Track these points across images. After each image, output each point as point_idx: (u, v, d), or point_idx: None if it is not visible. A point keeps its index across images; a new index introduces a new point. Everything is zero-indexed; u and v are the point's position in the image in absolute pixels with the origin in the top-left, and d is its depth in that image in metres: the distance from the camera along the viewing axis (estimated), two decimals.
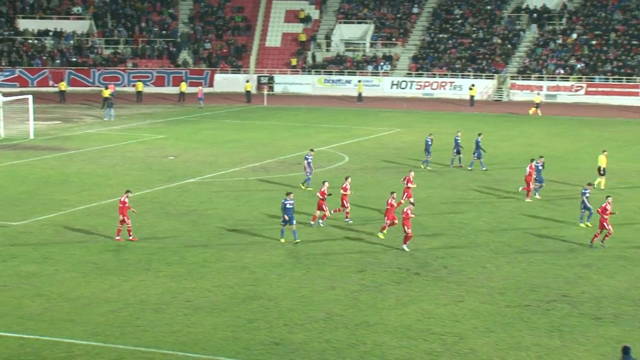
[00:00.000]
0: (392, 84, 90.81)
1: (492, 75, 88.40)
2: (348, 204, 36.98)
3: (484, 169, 48.88)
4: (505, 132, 64.85)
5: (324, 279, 29.50)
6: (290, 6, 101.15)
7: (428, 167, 49.50)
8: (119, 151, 55.52)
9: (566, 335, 24.45)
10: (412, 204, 33.89)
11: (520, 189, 41.99)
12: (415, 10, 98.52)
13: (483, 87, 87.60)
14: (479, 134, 50.39)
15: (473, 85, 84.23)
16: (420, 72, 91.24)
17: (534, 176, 41.53)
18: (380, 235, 34.40)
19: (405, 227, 32.61)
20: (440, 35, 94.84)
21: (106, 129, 65.42)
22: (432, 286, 28.73)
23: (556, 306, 26.74)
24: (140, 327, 24.97)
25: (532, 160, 42.31)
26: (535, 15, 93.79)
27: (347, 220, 37.10)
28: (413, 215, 32.86)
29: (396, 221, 34.27)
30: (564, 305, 26.84)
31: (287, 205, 33.36)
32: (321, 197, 36.07)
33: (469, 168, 49.18)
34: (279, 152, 55.55)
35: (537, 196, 41.72)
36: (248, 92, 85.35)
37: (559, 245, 33.61)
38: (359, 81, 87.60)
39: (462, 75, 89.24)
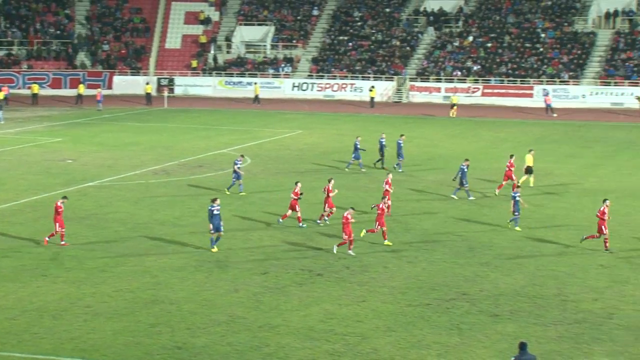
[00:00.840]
0: (293, 86, 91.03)
1: (392, 77, 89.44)
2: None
3: (399, 170, 49.37)
4: (405, 134, 65.50)
5: (226, 281, 29.38)
6: (190, 8, 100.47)
7: (363, 169, 49.64)
8: (15, 155, 54.26)
9: (465, 332, 24.89)
10: (353, 208, 33.47)
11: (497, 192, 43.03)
12: (315, 12, 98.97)
13: (383, 89, 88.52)
14: (401, 135, 50.96)
15: (373, 86, 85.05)
16: (321, 74, 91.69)
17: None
18: (388, 243, 33.86)
19: (344, 233, 32.40)
20: (340, 38, 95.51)
21: (0, 132, 63.86)
22: (335, 287, 28.89)
23: (456, 304, 27.19)
24: (38, 334, 24.44)
25: (511, 157, 43.96)
26: (432, 18, 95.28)
27: (319, 222, 36.97)
28: (353, 220, 32.70)
29: (385, 228, 33.89)
30: (464, 303, 27.31)
31: (214, 212, 32.75)
32: (295, 198, 36.34)
33: (400, 170, 49.45)
34: (180, 154, 55.10)
35: (471, 197, 42.37)
36: (148, 94, 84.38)
37: (458, 244, 34.18)
38: (255, 83, 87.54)
39: (362, 77, 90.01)
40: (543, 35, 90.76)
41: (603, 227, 32.76)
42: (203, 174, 48.67)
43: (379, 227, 33.85)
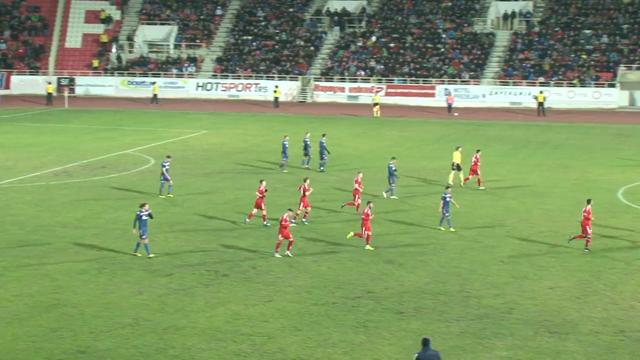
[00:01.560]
0: (198, 86, 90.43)
1: (296, 77, 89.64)
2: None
3: (320, 169, 49.71)
4: (310, 133, 65.74)
5: (130, 284, 29.01)
6: (90, 6, 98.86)
7: (284, 170, 49.55)
8: None
9: (371, 330, 25.11)
10: (290, 210, 33.29)
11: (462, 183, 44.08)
12: (218, 12, 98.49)
13: (287, 89, 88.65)
14: (323, 135, 51.19)
15: (277, 86, 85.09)
16: (225, 73, 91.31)
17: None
18: (370, 247, 33.60)
19: (280, 235, 32.23)
20: (244, 37, 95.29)
21: None
22: (241, 287, 28.82)
23: (361, 302, 27.40)
24: None
25: (477, 151, 45.62)
26: (336, 18, 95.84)
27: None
28: (290, 224, 32.50)
29: (370, 233, 33.67)
30: (369, 301, 27.54)
31: (143, 217, 32.04)
32: (260, 196, 36.38)
33: (320, 169, 49.72)
34: (82, 155, 54.17)
35: (394, 196, 42.61)
36: (49, 94, 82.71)
37: (363, 242, 34.41)
38: (154, 83, 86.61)
39: (266, 76, 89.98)
40: (444, 35, 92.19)
41: (587, 227, 33.01)
42: (106, 175, 47.95)
43: (366, 231, 33.58)
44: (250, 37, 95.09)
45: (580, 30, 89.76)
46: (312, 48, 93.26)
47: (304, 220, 37.38)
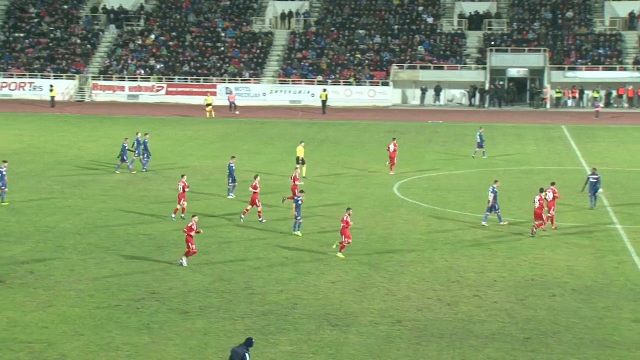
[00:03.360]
0: None
1: (73, 76, 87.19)
2: (259, 203, 37.16)
3: (144, 169, 48.98)
4: (89, 133, 64.38)
5: None
6: None
7: (117, 172, 48.44)
8: None
9: (155, 331, 24.84)
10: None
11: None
12: None
13: (64, 88, 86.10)
14: (146, 134, 50.18)
15: (52, 85, 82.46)
16: None
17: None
18: (341, 255, 32.53)
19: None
20: (16, 34, 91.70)
21: None
22: (18, 293, 27.75)
23: (145, 304, 27.06)
24: None
25: (393, 139, 47.47)
26: (113, 15, 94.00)
27: (261, 219, 37.22)
28: (199, 231, 31.68)
29: (350, 240, 32.69)
30: (153, 302, 27.24)
31: None
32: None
33: (144, 169, 48.93)
34: None
35: (231, 195, 42.27)
36: None
37: (147, 243, 34.01)
38: None
39: (41, 75, 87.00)
40: (223, 34, 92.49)
41: (542, 214, 35.46)
42: None
43: (346, 239, 32.64)
44: (22, 34, 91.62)
45: (354, 31, 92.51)
46: (89, 46, 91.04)
47: (242, 217, 37.55)
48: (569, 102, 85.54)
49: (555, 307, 27.06)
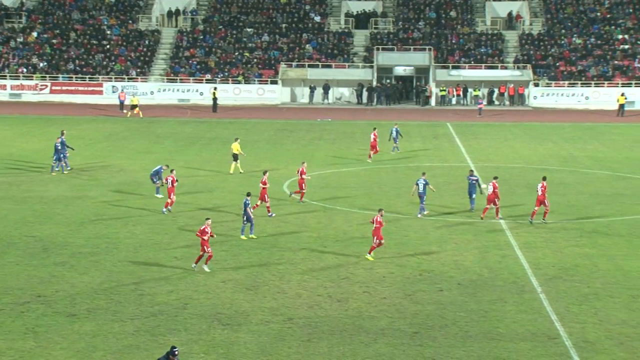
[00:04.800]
0: None
1: None
2: (268, 199, 37.94)
3: (68, 168, 48.14)
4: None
5: None
6: None
7: (56, 171, 47.44)
8: None
9: (41, 335, 24.31)
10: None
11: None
12: None
13: None
14: (62, 133, 49.10)
15: None
16: None
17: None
18: (371, 258, 31.95)
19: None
20: None
21: None
22: None
23: (31, 307, 26.46)
24: None
25: (374, 129, 46.68)
26: None
27: (270, 214, 37.86)
28: (213, 234, 30.77)
29: (383, 241, 32.17)
30: (39, 305, 26.65)
31: None
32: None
33: (57, 170, 47.71)
34: None
35: (159, 195, 41.61)
36: None
37: (32, 245, 33.26)
38: None
39: None
40: (109, 32, 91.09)
41: (546, 200, 37.27)
42: None
43: (378, 240, 32.12)
44: None
45: (242, 29, 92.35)
46: None
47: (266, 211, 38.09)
48: (453, 100, 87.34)
49: (443, 301, 27.61)
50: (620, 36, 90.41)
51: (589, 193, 44.05)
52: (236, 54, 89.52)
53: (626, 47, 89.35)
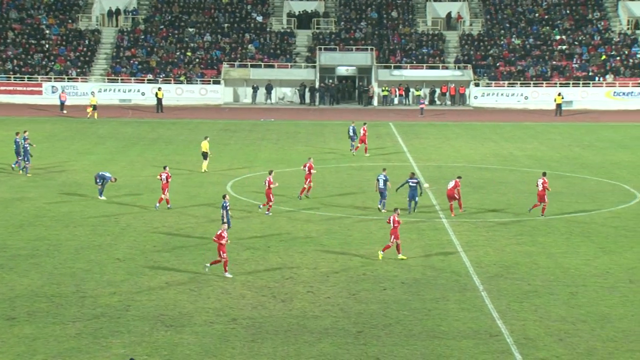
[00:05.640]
0: None
1: None
2: (273, 198, 38.72)
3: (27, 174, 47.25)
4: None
5: None
6: None
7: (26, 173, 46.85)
8: None
9: None
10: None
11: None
12: None
13: None
14: (18, 133, 48.56)
15: None
16: None
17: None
18: (403, 257, 32.21)
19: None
20: None
21: None
22: None
23: None
24: None
25: (364, 124, 47.46)
26: None
27: (268, 213, 38.75)
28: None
29: (399, 241, 32.08)
30: None
31: None
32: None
33: (20, 171, 47.17)
34: None
35: (101, 197, 41.30)
36: None
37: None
38: None
39: None
40: (48, 31, 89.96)
41: (545, 196, 38.89)
42: None
43: (394, 240, 32.07)
44: None
45: (184, 29, 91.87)
46: None
47: (267, 212, 38.82)
48: (396, 100, 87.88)
49: (386, 300, 27.78)
50: (558, 37, 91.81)
51: (529, 192, 44.64)
52: (178, 53, 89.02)
53: (564, 47, 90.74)
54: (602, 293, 28.61)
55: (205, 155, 49.46)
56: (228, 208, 34.96)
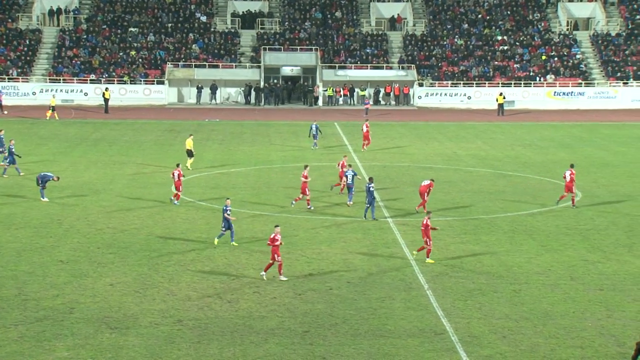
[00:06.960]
0: None
1: None
2: (309, 192, 39.53)
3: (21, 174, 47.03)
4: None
5: None
6: None
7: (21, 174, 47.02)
8: None
9: None
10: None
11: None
12: None
13: None
14: (11, 140, 48.47)
15: None
16: None
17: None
18: (430, 261, 32.00)
19: (276, 255, 29.61)
20: None
21: None
22: None
23: None
24: None
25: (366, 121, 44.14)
26: None
27: (309, 207, 39.57)
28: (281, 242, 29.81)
29: (428, 246, 31.90)
30: None
31: None
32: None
33: (4, 175, 46.63)
34: None
35: (44, 199, 40.76)
36: None
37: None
38: None
39: None
40: None
41: (573, 187, 40.60)
42: None
43: (429, 242, 31.91)
44: None
45: (127, 28, 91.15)
46: None
47: (308, 207, 39.75)
48: (340, 100, 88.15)
49: (332, 300, 27.86)
50: (499, 37, 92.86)
51: (472, 191, 45.09)
52: (121, 53, 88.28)
53: (505, 48, 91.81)
54: (545, 290, 29.02)
55: (190, 153, 50.11)
56: (228, 212, 33.69)
